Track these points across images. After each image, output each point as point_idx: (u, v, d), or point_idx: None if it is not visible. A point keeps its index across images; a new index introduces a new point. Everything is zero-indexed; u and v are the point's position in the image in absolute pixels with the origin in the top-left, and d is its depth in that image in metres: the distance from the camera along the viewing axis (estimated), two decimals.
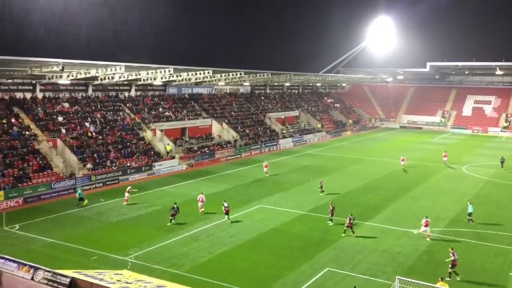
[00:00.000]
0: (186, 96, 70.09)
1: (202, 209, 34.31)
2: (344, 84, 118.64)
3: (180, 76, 59.89)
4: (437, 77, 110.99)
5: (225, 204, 32.87)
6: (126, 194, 37.67)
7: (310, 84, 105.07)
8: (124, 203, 37.21)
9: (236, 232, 30.36)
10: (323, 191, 40.56)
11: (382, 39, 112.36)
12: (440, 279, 20.55)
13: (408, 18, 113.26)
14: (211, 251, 26.92)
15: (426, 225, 29.31)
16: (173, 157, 53.20)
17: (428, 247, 27.99)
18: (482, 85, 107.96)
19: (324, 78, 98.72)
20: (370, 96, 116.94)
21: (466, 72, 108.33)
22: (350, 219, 29.78)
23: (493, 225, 32.30)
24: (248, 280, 23.14)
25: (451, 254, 23.49)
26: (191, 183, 45.45)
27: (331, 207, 32.67)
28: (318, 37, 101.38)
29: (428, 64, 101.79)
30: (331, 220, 32.21)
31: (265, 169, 49.11)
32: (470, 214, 32.47)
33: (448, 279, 22.41)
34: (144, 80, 58.75)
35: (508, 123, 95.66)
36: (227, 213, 32.65)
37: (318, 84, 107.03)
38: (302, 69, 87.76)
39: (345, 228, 29.77)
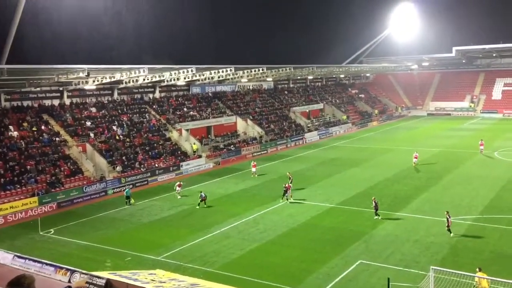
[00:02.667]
0: (210, 94, 70.45)
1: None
2: (368, 74, 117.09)
3: (203, 75, 60.20)
4: (463, 61, 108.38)
5: (202, 195, 35.73)
6: (178, 189, 39.99)
7: (334, 76, 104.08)
8: (179, 197, 39.38)
9: (266, 228, 30.41)
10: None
11: (405, 26, 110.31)
12: (478, 269, 19.99)
13: (431, 2, 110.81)
14: (242, 248, 27.05)
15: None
16: (199, 156, 53.60)
17: (462, 236, 27.46)
18: (511, 68, 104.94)
19: (347, 69, 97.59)
20: (395, 85, 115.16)
21: (494, 55, 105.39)
22: (374, 202, 31.13)
23: None
24: (280, 275, 23.16)
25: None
26: (219, 181, 45.72)
27: (374, 202, 31.48)
28: (340, 27, 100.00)
29: (454, 48, 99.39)
30: (377, 215, 31.06)
31: (253, 169, 46.59)
32: None
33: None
34: (167, 81, 59.30)
35: None
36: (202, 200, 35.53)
37: (342, 76, 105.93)
38: (325, 61, 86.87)
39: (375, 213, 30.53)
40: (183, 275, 22.24)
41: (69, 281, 18.31)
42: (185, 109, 63.30)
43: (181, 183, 40.86)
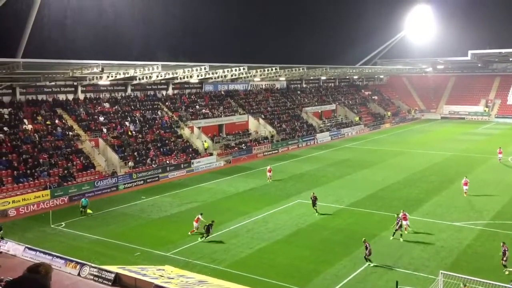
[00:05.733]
0: (223, 93, 70.58)
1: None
2: (381, 76, 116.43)
3: (216, 73, 60.34)
4: (479, 65, 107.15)
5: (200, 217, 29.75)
6: (268, 174, 42.71)
7: (347, 77, 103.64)
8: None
9: (275, 227, 30.40)
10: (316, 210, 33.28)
11: (421, 28, 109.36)
12: (462, 285, 19.45)
13: (448, 5, 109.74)
14: (250, 246, 27.08)
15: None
16: (211, 154, 53.74)
17: (472, 241, 27.23)
18: None
19: (361, 70, 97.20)
20: (409, 87, 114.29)
21: (511, 59, 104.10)
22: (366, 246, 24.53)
23: None
24: (288, 275, 23.14)
25: (502, 248, 22.78)
26: (229, 179, 45.80)
27: (398, 219, 27.92)
28: (355, 28, 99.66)
29: (470, 52, 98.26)
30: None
31: (268, 174, 43.92)
32: None
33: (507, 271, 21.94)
34: (180, 78, 59.55)
35: None
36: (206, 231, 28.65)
37: (355, 77, 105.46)
38: (339, 61, 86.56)
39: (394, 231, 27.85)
40: (191, 272, 22.35)
41: (79, 274, 18.47)
42: (197, 106, 63.50)
43: (200, 217, 30.17)
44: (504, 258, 22.54)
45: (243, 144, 59.94)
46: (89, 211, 34.49)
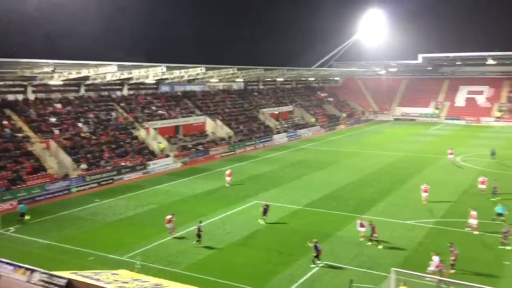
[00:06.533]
0: (179, 93, 69.94)
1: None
2: (337, 78, 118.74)
3: (173, 74, 59.75)
4: (429, 68, 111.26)
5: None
6: (227, 178, 41.79)
7: (303, 79, 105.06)
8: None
9: (232, 229, 30.40)
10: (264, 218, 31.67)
11: (374, 32, 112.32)
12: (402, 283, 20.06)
13: (399, 10, 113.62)
14: (208, 249, 26.94)
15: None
16: (167, 156, 53.12)
17: (423, 238, 28.18)
18: (474, 76, 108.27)
19: (317, 72, 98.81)
20: (363, 89, 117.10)
21: (458, 63, 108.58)
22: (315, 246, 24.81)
23: (489, 215, 32.49)
24: (245, 276, 23.20)
25: (451, 249, 23.60)
26: (186, 181, 45.42)
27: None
28: (311, 31, 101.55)
29: (420, 55, 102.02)
30: (376, 241, 27.01)
31: (227, 178, 42.55)
32: (499, 215, 30.42)
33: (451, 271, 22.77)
34: (136, 78, 58.54)
35: (501, 113, 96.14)
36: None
37: (311, 79, 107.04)
38: (295, 64, 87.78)
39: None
40: (147, 275, 21.99)
41: (28, 281, 17.81)
42: (153, 107, 62.62)
43: (171, 217, 29.58)
44: (452, 258, 23.37)
45: (200, 146, 59.59)
46: (27, 217, 32.30)
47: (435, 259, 22.51)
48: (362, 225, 27.82)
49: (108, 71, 48.99)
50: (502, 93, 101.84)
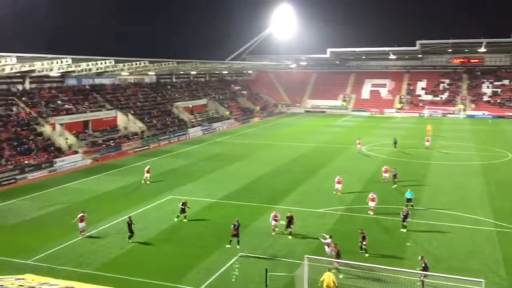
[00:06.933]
0: (87, 87, 66.87)
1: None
2: (250, 71, 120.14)
3: (80, 66, 56.92)
4: (337, 62, 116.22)
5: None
6: (146, 175, 39.93)
7: (217, 72, 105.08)
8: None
9: (147, 225, 29.74)
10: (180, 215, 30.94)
11: (285, 27, 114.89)
12: (327, 270, 20.68)
13: (308, 6, 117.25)
14: (121, 247, 26.15)
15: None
16: (76, 152, 50.67)
17: (333, 225, 29.48)
18: (377, 69, 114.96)
19: (230, 66, 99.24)
20: (276, 83, 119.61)
21: (363, 57, 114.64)
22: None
23: (391, 200, 34.75)
24: (161, 272, 22.85)
25: (361, 234, 24.84)
26: (97, 178, 43.65)
27: (287, 219, 27.50)
28: (223, 24, 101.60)
29: (328, 50, 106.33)
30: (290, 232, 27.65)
31: (146, 175, 40.71)
32: (409, 200, 32.07)
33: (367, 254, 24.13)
34: (39, 71, 55.02)
35: (401, 104, 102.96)
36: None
37: (225, 72, 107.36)
38: (208, 56, 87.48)
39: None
40: (55, 278, 20.88)
41: None
42: (59, 102, 59.34)
43: (83, 215, 28.14)
44: (364, 243, 24.71)
45: (112, 141, 57.54)
46: None
47: (328, 240, 23.78)
48: (275, 218, 27.71)
49: (7, 63, 45.54)
50: (402, 85, 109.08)
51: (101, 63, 56.40)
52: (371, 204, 31.55)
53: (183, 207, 30.64)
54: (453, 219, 30.49)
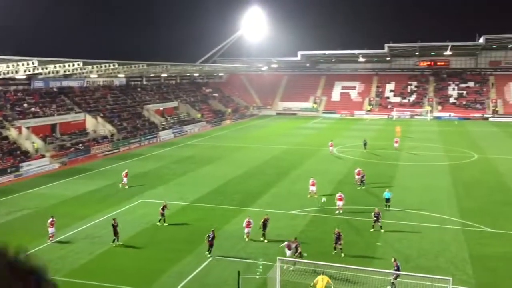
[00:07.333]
0: (55, 90, 65.49)
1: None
2: (221, 74, 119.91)
3: (47, 68, 55.61)
4: (307, 65, 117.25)
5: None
6: (124, 179, 39.15)
7: (188, 75, 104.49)
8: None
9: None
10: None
11: (256, 29, 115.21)
12: (322, 273, 20.90)
13: (279, 9, 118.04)
14: (91, 252, 25.67)
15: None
16: (43, 156, 49.51)
17: (305, 227, 29.69)
18: (347, 72, 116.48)
19: (201, 68, 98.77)
20: (247, 85, 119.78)
21: (333, 60, 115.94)
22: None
23: (362, 201, 35.24)
24: (132, 277, 22.52)
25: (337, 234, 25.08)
26: (66, 182, 42.75)
27: (263, 222, 27.36)
28: (195, 26, 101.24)
29: (299, 53, 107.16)
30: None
31: (124, 179, 40.00)
32: (387, 200, 32.70)
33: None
34: (4, 73, 53.47)
35: (371, 106, 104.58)
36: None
37: (196, 74, 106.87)
38: (180, 59, 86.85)
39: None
40: None
41: None
42: (25, 105, 57.89)
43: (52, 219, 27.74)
44: (340, 242, 24.93)
45: (81, 144, 56.47)
46: None
47: (291, 245, 23.63)
48: (249, 226, 27.32)
49: None
50: (371, 88, 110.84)
51: (69, 65, 55.29)
52: (339, 203, 32.21)
53: (162, 211, 30.21)
54: (422, 218, 31.13)
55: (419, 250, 25.71)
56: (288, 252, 23.43)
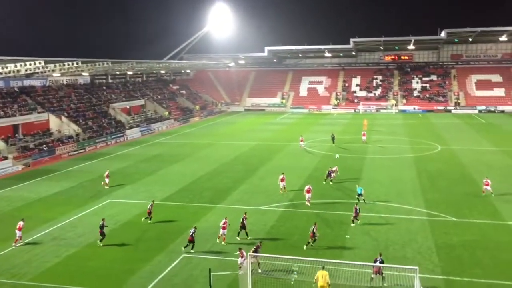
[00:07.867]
0: (16, 89, 63.58)
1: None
2: (188, 71, 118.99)
3: (6, 67, 53.91)
4: (275, 60, 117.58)
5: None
6: (106, 180, 38.64)
7: (154, 72, 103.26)
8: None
9: (85, 231, 28.72)
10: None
11: (222, 25, 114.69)
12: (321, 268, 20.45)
13: (244, 4, 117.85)
14: (57, 255, 25.09)
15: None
16: (5, 158, 48.04)
17: (275, 222, 29.82)
18: (314, 67, 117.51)
19: (168, 65, 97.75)
20: (215, 81, 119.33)
21: (300, 56, 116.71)
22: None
23: (331, 194, 35.67)
24: (101, 279, 22.15)
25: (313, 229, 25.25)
26: (30, 184, 41.61)
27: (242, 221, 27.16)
28: (160, 22, 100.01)
29: (266, 48, 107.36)
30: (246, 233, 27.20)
31: (106, 180, 39.30)
32: (360, 195, 32.87)
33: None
34: None
35: (338, 101, 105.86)
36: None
37: (163, 72, 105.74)
38: (145, 56, 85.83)
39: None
40: None
41: None
42: None
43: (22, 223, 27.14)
44: (315, 236, 25.08)
45: (44, 145, 55.04)
46: None
47: (243, 253, 22.42)
48: (224, 225, 26.68)
49: None
50: (338, 82, 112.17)
51: (30, 64, 53.75)
52: (307, 195, 32.85)
53: (150, 210, 30.14)
54: (389, 210, 31.75)
55: (386, 241, 26.21)
56: (240, 260, 22.22)
